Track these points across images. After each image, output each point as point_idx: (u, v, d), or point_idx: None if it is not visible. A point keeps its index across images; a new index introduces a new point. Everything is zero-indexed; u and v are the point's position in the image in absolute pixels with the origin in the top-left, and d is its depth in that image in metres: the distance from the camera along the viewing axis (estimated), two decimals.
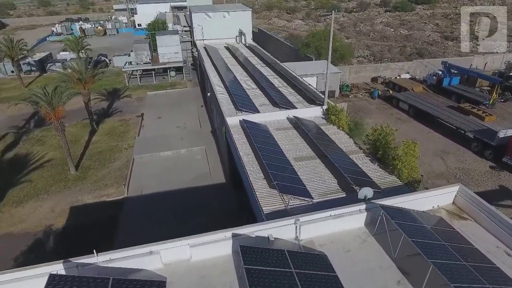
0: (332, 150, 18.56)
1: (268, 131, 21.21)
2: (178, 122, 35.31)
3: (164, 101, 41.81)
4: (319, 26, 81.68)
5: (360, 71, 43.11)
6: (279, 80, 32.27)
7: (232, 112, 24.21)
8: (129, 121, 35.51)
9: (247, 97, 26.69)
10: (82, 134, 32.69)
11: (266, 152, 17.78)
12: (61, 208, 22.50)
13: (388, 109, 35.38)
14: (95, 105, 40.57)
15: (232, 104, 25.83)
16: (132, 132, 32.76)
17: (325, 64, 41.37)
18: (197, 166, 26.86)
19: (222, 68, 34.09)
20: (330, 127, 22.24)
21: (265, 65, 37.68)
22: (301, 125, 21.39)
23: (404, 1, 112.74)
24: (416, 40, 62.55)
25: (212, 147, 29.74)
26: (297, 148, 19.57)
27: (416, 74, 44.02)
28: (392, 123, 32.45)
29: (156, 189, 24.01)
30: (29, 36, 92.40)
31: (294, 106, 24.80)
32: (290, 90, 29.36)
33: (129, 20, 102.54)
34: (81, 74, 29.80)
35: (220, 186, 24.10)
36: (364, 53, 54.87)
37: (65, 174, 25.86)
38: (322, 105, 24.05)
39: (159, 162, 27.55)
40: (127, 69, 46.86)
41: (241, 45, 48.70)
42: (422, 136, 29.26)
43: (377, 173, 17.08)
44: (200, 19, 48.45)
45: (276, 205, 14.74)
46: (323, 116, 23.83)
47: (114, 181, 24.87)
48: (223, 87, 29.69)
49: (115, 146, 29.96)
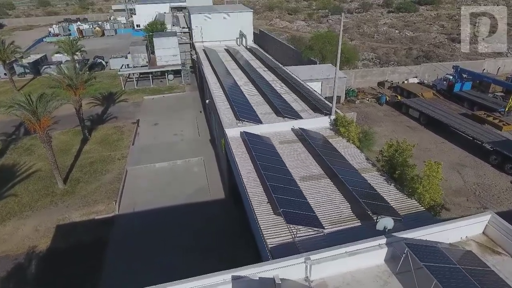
0: (343, 168, 16.71)
1: (271, 145, 19.37)
2: (175, 130, 33.48)
3: (161, 106, 39.99)
4: (322, 27, 79.94)
5: (366, 75, 41.27)
6: (282, 85, 30.43)
7: (232, 121, 22.39)
8: (123, 128, 33.67)
9: (248, 105, 24.85)
10: (73, 142, 30.86)
11: (270, 171, 15.94)
12: (46, 227, 20.67)
13: (397, 116, 33.50)
14: (89, 110, 38.83)
15: (232, 112, 24.02)
16: (126, 141, 30.93)
17: (330, 68, 39.80)
18: (194, 179, 25.02)
19: (221, 73, 32.27)
20: (339, 139, 20.40)
21: (267, 69, 35.85)
22: (308, 138, 19.56)
23: (407, 2, 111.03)
24: (422, 42, 60.71)
25: (211, 157, 27.92)
26: (304, 165, 17.73)
27: (425, 78, 42.19)
28: (402, 132, 30.83)
29: (150, 205, 22.17)
30: (26, 37, 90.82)
31: (299, 115, 22.96)
32: (294, 97, 27.53)
33: (128, 21, 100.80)
34: (71, 80, 27.96)
35: (219, 203, 22.26)
36: (369, 55, 53.03)
37: (53, 188, 24.02)
38: (329, 115, 22.21)
39: (154, 175, 25.73)
40: (123, 73, 45.05)
41: (242, 48, 46.88)
42: (435, 146, 27.40)
43: (394, 195, 15.23)
44: (199, 20, 46.64)
45: (282, 236, 12.90)
46: (331, 127, 21.99)
47: (104, 196, 23.04)
48: (222, 93, 27.88)
49: (107, 156, 28.12)
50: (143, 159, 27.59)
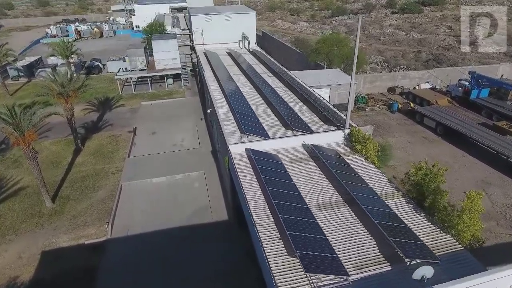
0: (363, 194, 14.66)
1: (281, 164, 17.32)
2: (175, 139, 31.44)
3: (160, 112, 37.95)
4: (326, 28, 77.90)
5: (376, 80, 39.20)
6: (288, 93, 28.39)
7: (236, 135, 20.36)
8: (119, 137, 31.63)
9: (254, 116, 22.81)
10: (65, 153, 28.82)
11: (282, 199, 13.89)
12: (31, 254, 18.64)
13: (411, 125, 31.40)
14: (84, 117, 36.86)
15: (235, 124, 22.00)
16: (121, 152, 28.89)
17: (338, 73, 37.69)
18: (195, 196, 22.97)
19: (224, 79, 30.22)
20: (355, 157, 18.35)
21: (272, 75, 33.81)
22: (321, 156, 17.51)
23: (411, 3, 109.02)
24: (431, 45, 58.63)
25: (212, 170, 25.88)
26: (319, 189, 15.67)
27: (437, 83, 40.10)
28: (418, 144, 28.75)
29: (145, 228, 20.12)
30: (23, 38, 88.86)
31: (309, 129, 20.91)
32: (302, 106, 25.48)
33: (127, 22, 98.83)
34: (63, 87, 25.93)
35: (223, 226, 20.20)
36: (376, 59, 50.97)
37: (40, 207, 21.98)
38: (343, 129, 20.16)
39: (151, 191, 23.68)
40: (120, 77, 43.00)
41: (245, 51, 44.84)
42: (456, 160, 25.33)
43: (425, 229, 13.16)
44: (200, 22, 44.63)
45: (299, 282, 10.85)
46: (345, 142, 19.94)
47: (96, 217, 20.99)
48: (225, 102, 25.84)
49: (101, 170, 26.08)
50: (139, 173, 25.55)
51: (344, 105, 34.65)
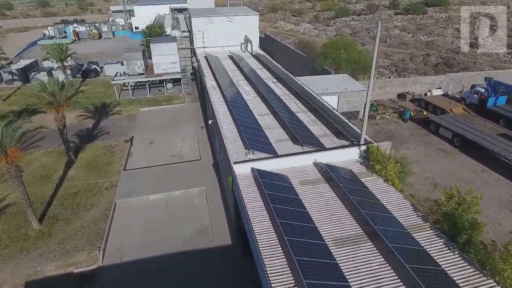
0: (387, 226, 12.82)
1: (291, 188, 15.48)
2: (174, 149, 29.62)
3: (159, 119, 36.13)
4: (330, 30, 76.07)
5: (385, 86, 37.34)
6: (295, 102, 26.55)
7: (241, 151, 18.53)
8: (115, 147, 29.80)
9: (259, 129, 20.96)
10: (56, 166, 26.99)
11: (295, 234, 12.06)
12: (13, 285, 16.81)
13: (426, 136, 29.51)
14: (79, 124, 35.10)
15: (239, 137, 20.20)
16: (117, 164, 27.06)
17: (347, 79, 35.72)
18: (195, 216, 21.13)
19: (226, 87, 28.39)
20: (373, 179, 16.50)
21: (277, 81, 31.96)
22: (336, 178, 15.66)
23: (415, 3, 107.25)
24: (439, 48, 56.76)
25: (214, 186, 24.04)
26: (336, 219, 13.82)
27: (449, 89, 38.25)
28: (435, 156, 26.87)
29: (141, 253, 18.30)
30: (20, 40, 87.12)
31: (321, 144, 19.05)
32: (311, 117, 23.65)
33: (127, 23, 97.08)
34: (53, 96, 24.12)
35: (225, 251, 18.36)
36: (384, 62, 49.11)
37: (26, 229, 20.15)
38: (359, 145, 18.31)
39: (147, 210, 21.85)
40: (117, 82, 41.17)
41: (247, 54, 43.03)
42: (476, 176, 23.47)
43: (463, 272, 11.32)
44: (201, 24, 42.81)
45: None
46: (361, 160, 18.10)
47: (87, 241, 19.16)
48: (227, 112, 24.01)
49: (94, 185, 24.24)
50: (135, 188, 23.71)
51: (353, 113, 32.85)
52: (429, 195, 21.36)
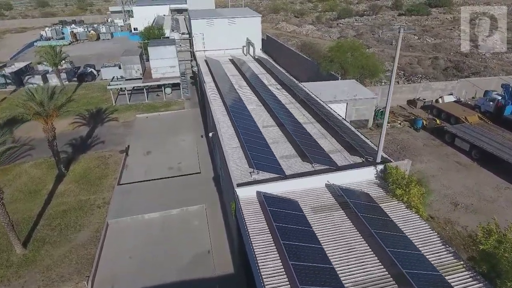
0: (416, 267, 11.03)
1: (302, 217, 13.68)
2: (172, 161, 27.83)
3: (156, 127, 34.34)
4: (333, 31, 74.24)
5: (395, 92, 35.39)
6: (302, 111, 24.78)
7: (245, 171, 16.79)
8: (109, 159, 28.02)
9: (264, 144, 19.18)
10: (46, 179, 25.21)
11: (309, 278, 10.28)
12: None
13: (440, 147, 27.68)
14: (73, 132, 33.38)
15: (243, 154, 18.44)
16: (110, 178, 25.28)
17: (355, 85, 33.79)
18: (194, 239, 19.33)
19: (228, 95, 26.62)
20: (393, 204, 14.69)
21: (281, 87, 30.21)
22: (352, 204, 13.87)
23: (418, 4, 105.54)
24: (447, 50, 54.94)
25: (215, 204, 22.24)
26: (356, 258, 12.00)
27: (461, 95, 36.44)
28: (452, 171, 24.97)
29: (134, 283, 16.50)
30: (17, 41, 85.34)
31: (333, 162, 17.27)
32: (320, 129, 21.87)
33: (125, 24, 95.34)
34: (41, 106, 22.34)
35: (227, 280, 16.56)
36: (390, 66, 47.22)
37: (8, 254, 18.37)
38: (375, 164, 16.51)
39: (142, 231, 20.04)
40: (112, 87, 39.40)
41: (249, 58, 41.30)
42: (499, 194, 21.61)
43: None
44: (201, 26, 41.12)
45: None
46: (378, 181, 16.30)
47: (74, 269, 17.37)
48: (230, 124, 22.24)
49: (85, 202, 22.46)
50: (129, 205, 21.91)
51: (362, 121, 31.05)
52: (450, 216, 19.55)
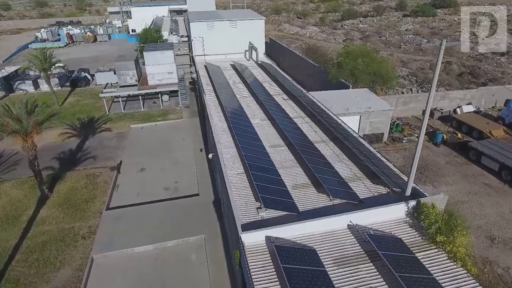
0: None
1: (324, 274, 11.05)
2: (167, 179, 25.25)
3: (152, 139, 31.75)
4: (338, 34, 71.66)
5: (410, 101, 32.88)
6: (313, 127, 22.17)
7: (250, 205, 14.21)
8: (98, 177, 25.46)
9: (273, 171, 16.57)
10: (27, 202, 22.62)
11: None
12: None
13: (465, 165, 25.04)
14: (62, 144, 30.85)
15: (248, 183, 15.85)
16: (99, 200, 22.70)
17: (368, 95, 30.94)
18: (192, 278, 16.74)
19: (230, 107, 23.99)
20: (432, 253, 12.06)
21: (288, 97, 27.64)
22: (383, 256, 11.26)
23: (423, 5, 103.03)
24: (459, 55, 52.31)
25: (215, 233, 19.65)
26: None
27: (481, 104, 33.84)
28: (482, 195, 21.94)
29: None
30: (11, 43, 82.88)
31: (354, 195, 14.66)
32: (335, 150, 19.28)
33: (124, 25, 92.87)
34: (19, 123, 19.76)
35: None
36: (401, 71, 44.65)
37: None
38: (406, 200, 13.88)
39: (132, 268, 17.44)
40: (105, 95, 36.83)
41: (252, 63, 38.75)
42: None
43: None
44: (201, 29, 38.52)
45: None
46: (409, 220, 13.67)
47: None
48: (232, 145, 19.60)
49: (68, 232, 19.87)
50: (118, 235, 19.31)
51: (377, 135, 28.42)
52: (487, 254, 16.97)
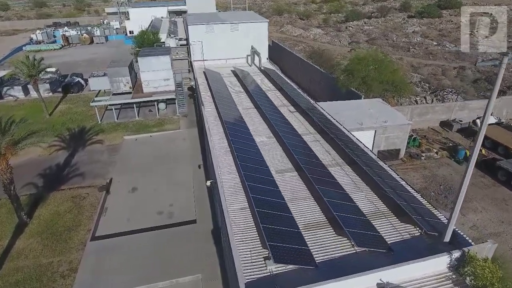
0: None
1: None
2: (162, 202, 22.68)
3: (146, 153, 29.21)
4: (343, 36, 69.05)
5: (427, 112, 30.27)
6: (324, 146, 19.65)
7: (255, 252, 11.70)
8: (85, 199, 22.91)
9: (282, 206, 14.03)
10: (1, 230, 20.07)
11: None
12: None
13: (493, 187, 22.46)
14: (49, 158, 28.36)
15: (252, 220, 13.35)
16: (83, 228, 20.16)
17: (382, 105, 28.31)
18: None
19: (231, 122, 21.46)
20: None
21: (295, 109, 25.13)
22: None
23: (428, 6, 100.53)
24: (472, 59, 49.65)
25: (214, 272, 17.07)
26: None
27: (502, 115, 31.26)
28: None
29: None
30: (6, 45, 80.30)
31: (380, 239, 12.13)
32: (352, 176, 16.81)
33: (121, 26, 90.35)
34: None
35: None
36: (413, 78, 42.07)
37: None
38: (448, 250, 11.34)
39: None
40: (96, 104, 34.29)
41: (254, 69, 36.25)
42: None
43: None
44: (200, 33, 35.98)
45: None
46: (451, 274, 11.14)
47: None
48: (234, 169, 17.08)
49: (46, 268, 17.33)
50: (102, 274, 16.76)
51: (392, 152, 25.83)
52: None
